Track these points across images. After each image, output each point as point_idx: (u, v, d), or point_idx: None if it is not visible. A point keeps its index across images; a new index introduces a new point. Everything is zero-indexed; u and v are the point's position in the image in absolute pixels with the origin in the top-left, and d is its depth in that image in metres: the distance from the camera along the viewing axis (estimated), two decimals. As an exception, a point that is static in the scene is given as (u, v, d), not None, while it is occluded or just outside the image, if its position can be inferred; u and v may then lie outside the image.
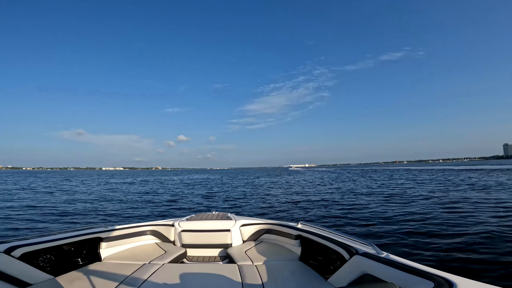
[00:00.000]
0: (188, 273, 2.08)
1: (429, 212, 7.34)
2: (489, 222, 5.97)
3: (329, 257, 2.15)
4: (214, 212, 3.51)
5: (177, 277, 1.99)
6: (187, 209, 9.97)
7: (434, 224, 6.01)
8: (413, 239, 4.90)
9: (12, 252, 1.86)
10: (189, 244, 2.92)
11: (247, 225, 3.11)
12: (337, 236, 2.16)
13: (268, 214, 8.55)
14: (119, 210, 9.58)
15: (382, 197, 11.32)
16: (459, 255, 4.01)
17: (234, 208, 10.02)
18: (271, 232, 3.01)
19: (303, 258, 2.49)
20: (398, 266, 1.41)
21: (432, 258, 3.96)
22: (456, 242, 4.60)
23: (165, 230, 3.11)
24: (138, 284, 1.87)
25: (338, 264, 1.97)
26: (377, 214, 7.43)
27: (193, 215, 3.37)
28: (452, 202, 9.11)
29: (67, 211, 9.14)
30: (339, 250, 1.95)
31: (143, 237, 3.05)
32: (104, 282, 1.96)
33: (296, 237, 2.65)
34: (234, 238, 2.96)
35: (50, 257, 2.17)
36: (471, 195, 10.59)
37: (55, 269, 2.15)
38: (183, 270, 2.15)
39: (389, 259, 1.53)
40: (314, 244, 2.38)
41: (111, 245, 2.70)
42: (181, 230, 2.97)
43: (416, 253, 4.18)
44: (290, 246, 2.76)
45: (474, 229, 5.36)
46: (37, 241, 2.09)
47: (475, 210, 7.41)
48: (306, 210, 8.97)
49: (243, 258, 2.50)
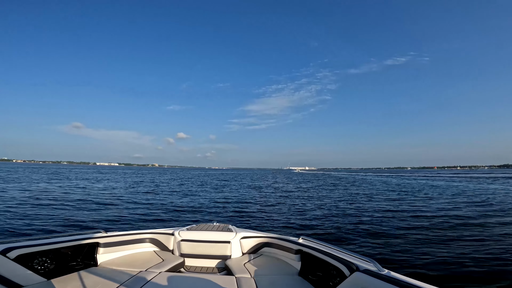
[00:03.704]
0: (184, 283, 2.12)
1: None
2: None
3: (329, 273, 2.18)
4: (215, 223, 3.57)
5: (173, 286, 2.02)
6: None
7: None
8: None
9: (7, 253, 1.90)
10: (187, 253, 2.96)
11: (248, 237, 3.15)
12: (338, 252, 2.19)
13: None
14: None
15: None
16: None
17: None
18: (272, 246, 3.05)
19: (303, 273, 2.52)
20: (399, 284, 1.41)
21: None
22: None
23: (165, 238, 3.15)
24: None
25: (337, 280, 2.00)
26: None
27: (194, 225, 3.42)
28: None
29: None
30: (339, 266, 1.98)
31: (141, 244, 3.09)
32: (98, 287, 2.00)
33: (296, 251, 2.69)
34: (234, 250, 3.00)
35: (45, 260, 2.20)
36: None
37: (50, 272, 2.19)
38: (179, 279, 2.19)
39: (391, 276, 1.54)
40: (315, 259, 2.42)
41: (108, 251, 2.74)
42: (180, 239, 3.02)
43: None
44: (290, 261, 2.80)
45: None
46: (34, 243, 2.14)
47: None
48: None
49: (241, 270, 2.54)
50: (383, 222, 7.98)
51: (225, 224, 3.57)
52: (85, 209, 9.90)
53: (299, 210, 10.82)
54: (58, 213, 8.80)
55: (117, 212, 9.50)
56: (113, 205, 11.21)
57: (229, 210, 10.84)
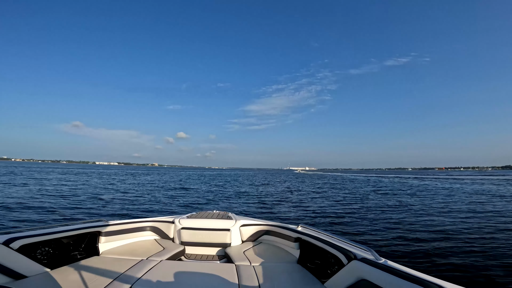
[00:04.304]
0: (185, 271, 2.16)
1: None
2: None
3: (327, 261, 2.22)
4: (215, 211, 3.62)
5: (173, 274, 2.06)
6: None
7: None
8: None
9: (11, 244, 1.93)
10: (188, 241, 3.01)
11: (247, 225, 3.20)
12: (337, 240, 2.22)
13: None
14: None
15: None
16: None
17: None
18: (271, 234, 3.10)
19: (301, 261, 2.57)
20: (396, 273, 1.43)
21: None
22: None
23: (165, 226, 3.20)
24: (134, 279, 1.94)
25: (335, 268, 2.04)
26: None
27: (194, 213, 3.47)
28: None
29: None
30: (337, 254, 2.02)
31: (142, 232, 3.14)
32: (100, 276, 2.02)
33: (295, 239, 2.73)
34: (234, 238, 3.05)
35: (48, 250, 2.23)
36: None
37: (52, 262, 2.22)
38: (180, 267, 2.23)
39: (387, 265, 1.56)
40: (313, 247, 2.46)
41: (110, 240, 2.79)
42: (181, 227, 3.07)
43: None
44: (289, 248, 2.85)
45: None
46: (36, 233, 2.16)
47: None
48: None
49: (241, 258, 2.58)
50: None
51: (225, 212, 3.62)
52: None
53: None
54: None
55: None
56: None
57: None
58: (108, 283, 1.90)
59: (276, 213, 9.63)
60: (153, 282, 1.94)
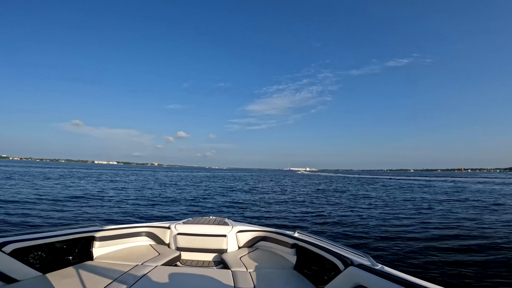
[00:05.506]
0: (180, 277, 2.16)
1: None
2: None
3: (324, 267, 2.22)
4: (211, 217, 3.61)
5: (169, 280, 2.05)
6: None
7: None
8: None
9: (3, 248, 1.92)
10: (184, 247, 2.99)
11: (244, 231, 3.19)
12: (333, 246, 2.22)
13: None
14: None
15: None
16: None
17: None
18: (267, 240, 3.09)
19: (298, 267, 2.56)
20: (393, 279, 1.43)
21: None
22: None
23: (161, 232, 3.19)
24: (129, 285, 1.93)
25: (332, 274, 2.04)
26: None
27: (190, 219, 3.46)
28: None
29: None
30: (334, 261, 2.01)
31: (137, 238, 3.13)
32: (93, 281, 2.01)
33: (292, 245, 2.73)
34: (230, 243, 3.05)
35: (41, 254, 2.22)
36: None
37: (45, 266, 2.21)
38: (175, 273, 2.22)
39: (384, 271, 1.56)
40: (310, 253, 2.46)
41: (104, 245, 2.77)
42: (177, 233, 3.06)
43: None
44: (285, 255, 2.84)
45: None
46: (30, 237, 2.14)
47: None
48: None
49: (237, 264, 2.58)
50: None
51: (221, 218, 3.61)
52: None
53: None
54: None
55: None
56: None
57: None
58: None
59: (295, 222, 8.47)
60: (148, 287, 1.94)
